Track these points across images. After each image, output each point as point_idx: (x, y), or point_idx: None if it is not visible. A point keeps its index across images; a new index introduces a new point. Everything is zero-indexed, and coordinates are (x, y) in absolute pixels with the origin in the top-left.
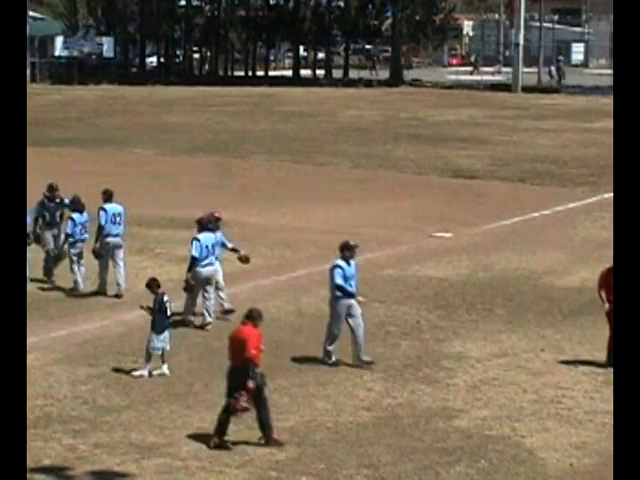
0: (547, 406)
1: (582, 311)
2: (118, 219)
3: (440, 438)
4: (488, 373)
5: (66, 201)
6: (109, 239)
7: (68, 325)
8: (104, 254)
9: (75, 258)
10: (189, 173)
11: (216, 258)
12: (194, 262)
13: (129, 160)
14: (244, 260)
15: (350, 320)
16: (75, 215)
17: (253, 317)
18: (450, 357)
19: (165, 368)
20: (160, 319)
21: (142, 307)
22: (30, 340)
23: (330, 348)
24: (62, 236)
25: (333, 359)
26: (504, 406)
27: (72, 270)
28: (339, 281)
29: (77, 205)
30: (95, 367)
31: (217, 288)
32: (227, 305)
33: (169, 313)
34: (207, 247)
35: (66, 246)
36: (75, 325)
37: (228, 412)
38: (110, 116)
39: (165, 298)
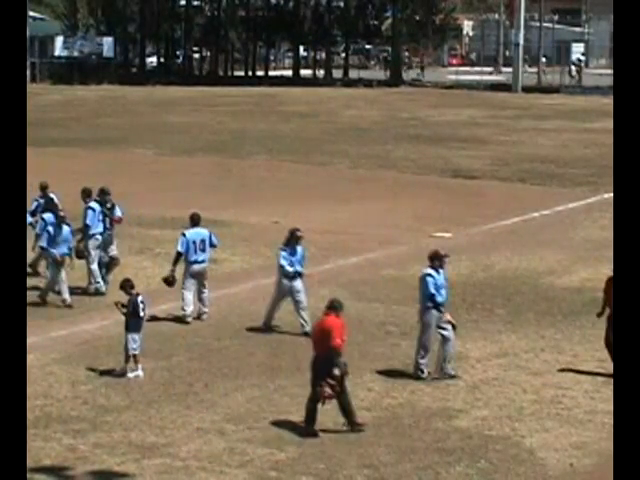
0: (547, 406)
1: (582, 311)
2: (201, 245)
3: (440, 438)
4: (488, 373)
5: (117, 209)
6: (194, 266)
7: (68, 325)
8: (87, 254)
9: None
10: (189, 173)
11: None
12: (178, 257)
13: (129, 160)
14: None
15: (441, 332)
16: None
17: (335, 307)
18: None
19: (140, 370)
20: (135, 321)
21: (117, 305)
22: (30, 340)
23: (422, 362)
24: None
25: (425, 373)
26: (504, 406)
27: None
28: (432, 290)
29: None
30: (95, 367)
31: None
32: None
33: (142, 315)
34: (194, 242)
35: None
36: (75, 325)
37: (315, 400)
38: (110, 116)
39: (139, 299)
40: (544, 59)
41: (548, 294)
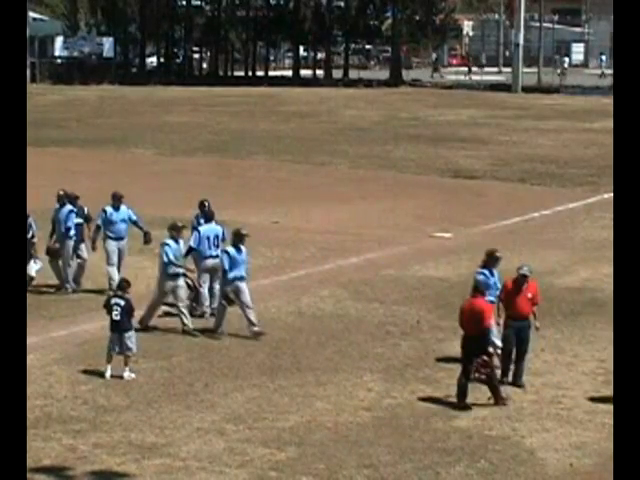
0: (547, 406)
1: (582, 311)
2: (215, 241)
3: (440, 438)
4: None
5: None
6: (208, 261)
7: (68, 325)
8: (61, 253)
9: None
10: (189, 173)
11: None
12: (190, 252)
13: (129, 160)
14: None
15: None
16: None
17: (481, 290)
18: (450, 357)
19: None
20: (130, 320)
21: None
22: (30, 340)
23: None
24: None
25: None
26: (504, 406)
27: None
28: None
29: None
30: (95, 367)
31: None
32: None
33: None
34: (208, 238)
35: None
36: (75, 325)
37: (467, 377)
38: (110, 116)
39: (112, 301)
40: (565, 59)
41: (548, 294)
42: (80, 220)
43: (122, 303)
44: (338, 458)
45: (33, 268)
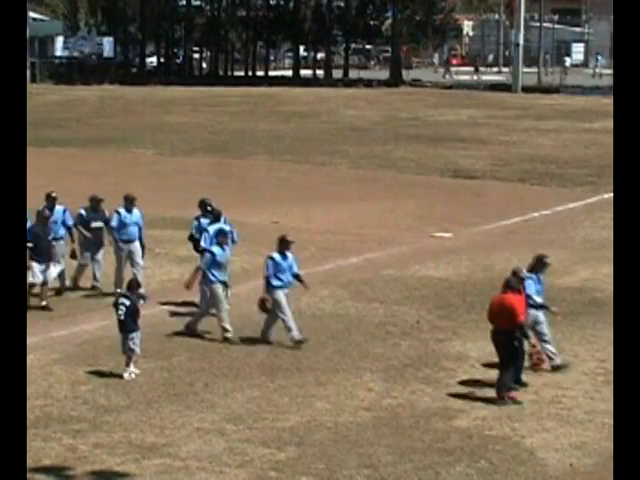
0: (547, 406)
1: (582, 311)
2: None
3: (440, 438)
4: (488, 373)
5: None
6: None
7: (68, 325)
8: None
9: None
10: (189, 173)
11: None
12: (202, 252)
13: (129, 160)
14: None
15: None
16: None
17: (511, 286)
18: (450, 357)
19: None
20: (135, 321)
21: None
22: (30, 340)
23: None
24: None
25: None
26: (504, 406)
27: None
28: (532, 291)
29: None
30: (95, 367)
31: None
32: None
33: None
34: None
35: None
36: (75, 325)
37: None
38: (110, 116)
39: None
40: (567, 58)
41: (548, 294)
42: (100, 224)
43: (127, 303)
44: (338, 458)
45: (53, 272)
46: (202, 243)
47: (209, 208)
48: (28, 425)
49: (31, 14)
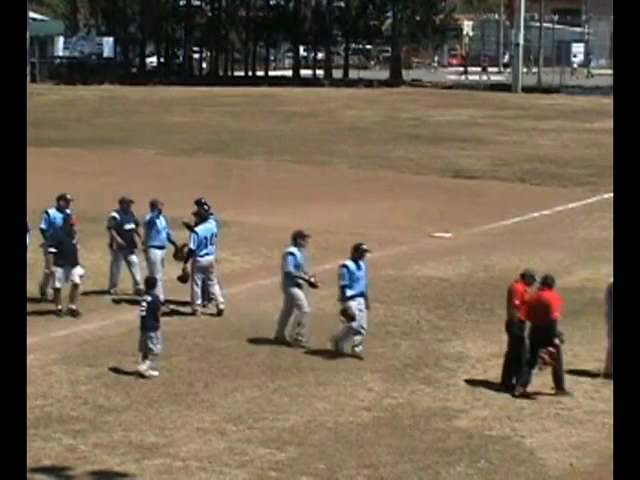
0: (547, 406)
1: (582, 311)
2: (212, 239)
3: (440, 438)
4: (488, 373)
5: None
6: (202, 260)
7: (68, 325)
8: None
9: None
10: (189, 173)
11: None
12: (191, 254)
13: (129, 160)
14: None
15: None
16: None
17: (548, 284)
18: (450, 357)
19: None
20: (156, 319)
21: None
22: (30, 340)
23: None
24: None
25: None
26: (504, 406)
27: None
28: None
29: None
30: (95, 367)
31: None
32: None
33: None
34: (206, 238)
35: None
36: (75, 325)
37: (531, 366)
38: (110, 116)
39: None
40: (575, 59)
41: None
42: (132, 225)
43: (149, 299)
44: (338, 458)
45: (77, 274)
46: (191, 245)
47: (206, 207)
48: (28, 425)
49: (31, 14)
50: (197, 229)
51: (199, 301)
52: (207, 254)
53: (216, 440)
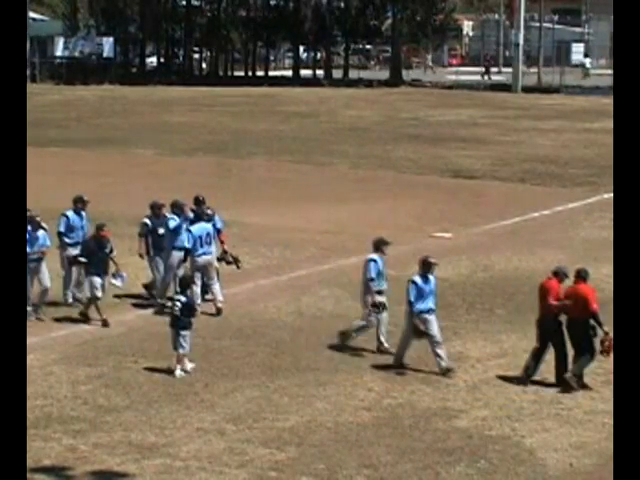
0: (547, 406)
1: None
2: (207, 239)
3: (440, 438)
4: (488, 373)
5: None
6: (199, 259)
7: (68, 325)
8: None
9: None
10: (189, 173)
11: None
12: (187, 253)
13: (129, 160)
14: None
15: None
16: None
17: (582, 277)
18: (450, 357)
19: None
20: (189, 318)
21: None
22: (30, 340)
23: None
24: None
25: None
26: (504, 406)
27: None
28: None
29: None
30: (95, 367)
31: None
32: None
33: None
34: (201, 237)
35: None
36: (75, 325)
37: (589, 359)
38: (110, 116)
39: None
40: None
41: None
42: (163, 230)
43: (183, 299)
44: (338, 458)
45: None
46: (186, 243)
47: (204, 206)
48: (28, 425)
49: (31, 14)
50: (192, 228)
51: (199, 301)
52: (204, 253)
53: (216, 440)
